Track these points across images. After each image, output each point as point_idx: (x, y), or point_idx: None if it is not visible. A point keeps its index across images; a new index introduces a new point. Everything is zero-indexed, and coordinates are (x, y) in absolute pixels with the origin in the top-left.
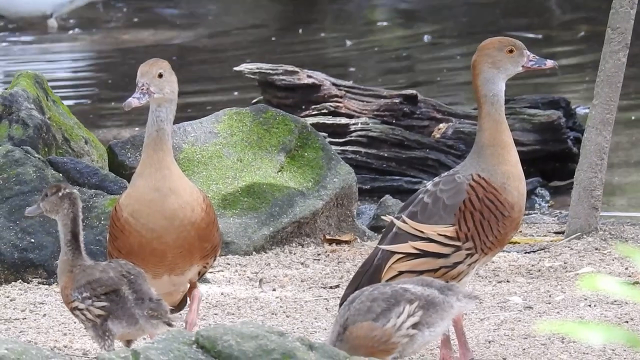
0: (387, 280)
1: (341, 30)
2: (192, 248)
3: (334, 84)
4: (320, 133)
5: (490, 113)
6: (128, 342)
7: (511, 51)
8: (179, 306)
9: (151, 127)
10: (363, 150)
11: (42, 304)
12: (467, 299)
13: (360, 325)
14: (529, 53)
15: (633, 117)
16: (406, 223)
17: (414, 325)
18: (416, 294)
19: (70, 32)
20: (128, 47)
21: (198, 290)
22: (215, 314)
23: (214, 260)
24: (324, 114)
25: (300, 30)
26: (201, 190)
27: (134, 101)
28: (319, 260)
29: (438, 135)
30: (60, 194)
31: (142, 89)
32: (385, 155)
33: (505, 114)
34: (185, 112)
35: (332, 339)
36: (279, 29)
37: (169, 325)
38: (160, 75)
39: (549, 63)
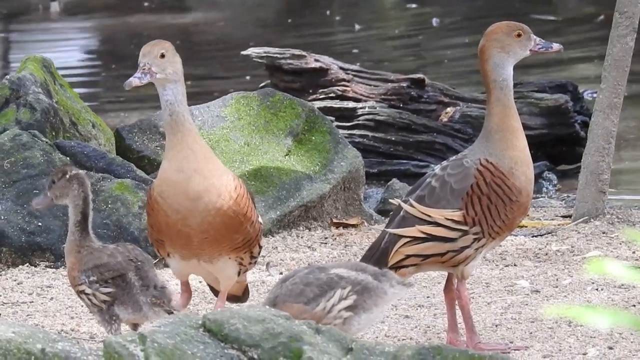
0: (394, 264)
1: (350, 14)
2: (218, 236)
3: (341, 68)
4: (327, 117)
5: (500, 98)
6: (135, 326)
7: (519, 35)
8: (242, 298)
9: (164, 112)
10: (370, 134)
11: (50, 287)
12: (400, 285)
13: (290, 306)
14: (535, 37)
15: None
16: (414, 207)
17: (348, 308)
18: (350, 279)
19: (77, 16)
20: (136, 31)
21: (222, 303)
22: None
23: (253, 259)
24: (332, 98)
25: (308, 14)
26: (238, 179)
27: (134, 80)
28: (326, 243)
29: (445, 119)
30: (67, 176)
31: (144, 69)
32: (393, 139)
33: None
34: (193, 96)
35: None
36: (287, 13)
37: (170, 313)
38: (163, 56)
39: (556, 47)
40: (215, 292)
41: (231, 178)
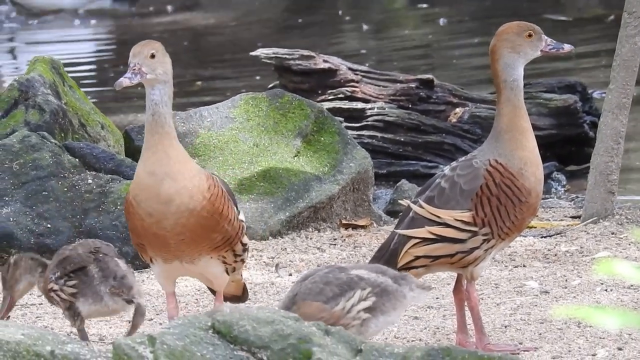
0: (403, 265)
1: (358, 14)
2: (195, 236)
3: (350, 69)
4: (336, 118)
5: (510, 98)
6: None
7: (530, 35)
8: (242, 297)
9: (147, 112)
10: (379, 134)
11: None
12: (420, 289)
13: (309, 304)
14: (546, 37)
15: None
16: (423, 208)
17: (367, 310)
18: (369, 281)
19: (89, 19)
20: (145, 32)
21: (220, 302)
22: None
23: (237, 257)
24: (340, 99)
25: (317, 14)
26: (213, 178)
27: (125, 81)
28: (335, 245)
29: (454, 120)
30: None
31: (134, 69)
32: (402, 139)
33: None
34: (202, 97)
35: (280, 307)
36: (296, 13)
37: (130, 302)
38: (153, 56)
39: (567, 47)
40: (214, 293)
41: (204, 179)
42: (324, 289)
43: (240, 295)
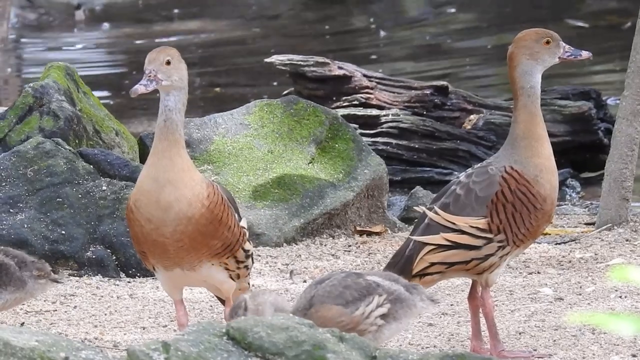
0: (418, 272)
1: (374, 20)
2: (194, 243)
3: (364, 75)
4: (351, 124)
5: (527, 105)
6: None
7: (548, 42)
8: None
9: (160, 117)
10: (394, 141)
11: (73, 295)
12: (429, 300)
13: (328, 307)
14: (564, 44)
15: None
16: (438, 214)
17: (382, 317)
18: (385, 288)
19: (102, 24)
20: (160, 39)
21: (229, 299)
22: None
23: (240, 264)
24: (355, 106)
25: (331, 19)
26: (214, 186)
27: (140, 88)
28: (349, 251)
29: (469, 127)
30: None
31: (150, 76)
32: (416, 146)
33: None
34: (216, 104)
35: (295, 309)
36: (311, 20)
37: (57, 282)
38: (168, 63)
39: (585, 54)
40: (224, 303)
41: (204, 187)
42: (343, 292)
43: None
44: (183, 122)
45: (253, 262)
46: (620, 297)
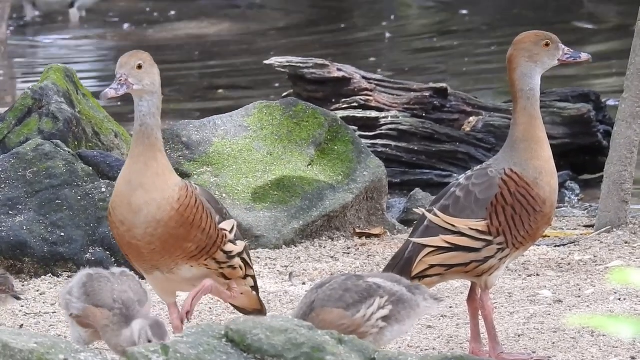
0: (417, 274)
1: (374, 21)
2: (166, 246)
3: (364, 78)
4: (350, 126)
5: (526, 107)
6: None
7: (547, 45)
8: (262, 310)
9: (136, 122)
10: (393, 143)
11: None
12: (432, 299)
13: (329, 311)
14: (563, 46)
15: None
16: (438, 216)
17: (384, 319)
18: (386, 289)
19: (97, 26)
20: (158, 41)
21: (210, 280)
22: None
23: (223, 264)
24: (354, 108)
25: (332, 21)
26: (188, 189)
27: (110, 92)
28: (349, 253)
29: (468, 129)
30: None
31: (120, 80)
32: (415, 148)
33: None
34: (217, 106)
35: (297, 315)
36: (309, 21)
37: (18, 298)
38: (140, 67)
39: (584, 56)
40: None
41: (177, 190)
42: (343, 295)
43: (260, 309)
44: (159, 126)
45: (249, 264)
46: (620, 299)
